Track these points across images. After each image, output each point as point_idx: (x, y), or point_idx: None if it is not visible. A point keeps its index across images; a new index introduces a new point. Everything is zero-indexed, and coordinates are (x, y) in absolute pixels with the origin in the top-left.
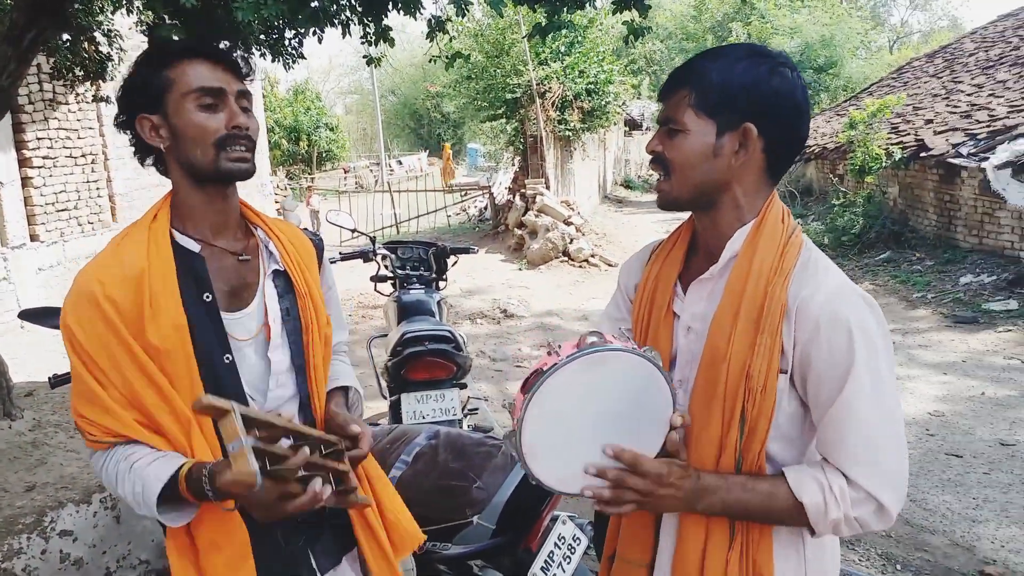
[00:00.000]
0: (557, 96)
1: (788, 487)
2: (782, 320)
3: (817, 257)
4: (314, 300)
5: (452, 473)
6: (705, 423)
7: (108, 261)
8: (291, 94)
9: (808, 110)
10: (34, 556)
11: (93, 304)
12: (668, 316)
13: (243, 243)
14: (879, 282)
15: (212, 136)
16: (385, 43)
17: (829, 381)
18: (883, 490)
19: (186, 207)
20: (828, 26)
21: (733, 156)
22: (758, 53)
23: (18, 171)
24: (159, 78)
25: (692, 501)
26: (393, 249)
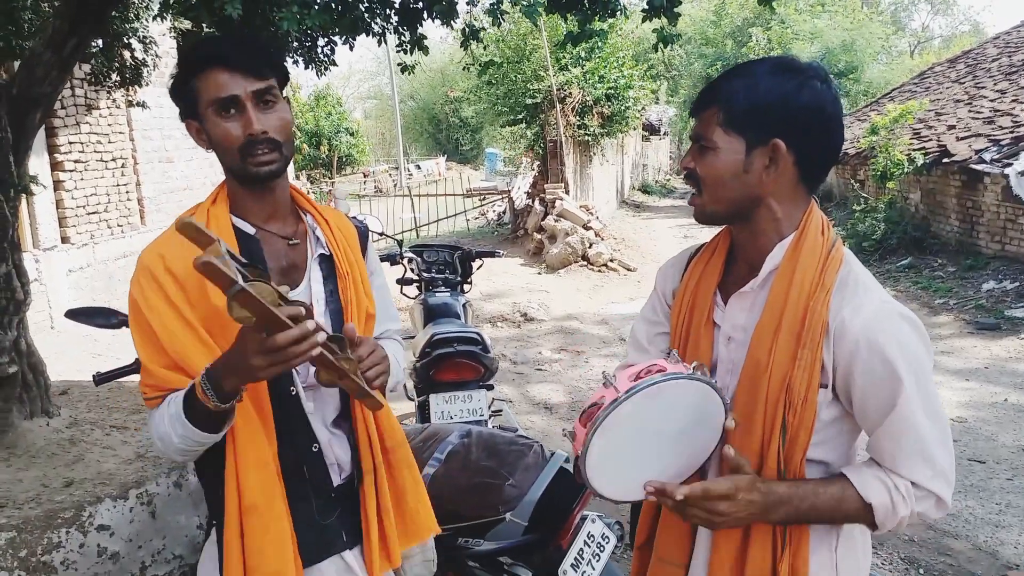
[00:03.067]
0: (577, 101)
1: (855, 490)
2: (823, 337)
3: (857, 273)
4: (355, 281)
5: (485, 471)
6: (747, 432)
7: (171, 238)
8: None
9: (840, 119)
10: (72, 550)
11: (152, 275)
12: (708, 326)
13: (293, 228)
14: (900, 288)
15: (235, 144)
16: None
17: (876, 400)
18: (941, 486)
19: (237, 198)
20: (849, 31)
21: (764, 172)
22: (786, 68)
23: (50, 175)
24: (190, 88)
25: (767, 512)
26: (419, 252)
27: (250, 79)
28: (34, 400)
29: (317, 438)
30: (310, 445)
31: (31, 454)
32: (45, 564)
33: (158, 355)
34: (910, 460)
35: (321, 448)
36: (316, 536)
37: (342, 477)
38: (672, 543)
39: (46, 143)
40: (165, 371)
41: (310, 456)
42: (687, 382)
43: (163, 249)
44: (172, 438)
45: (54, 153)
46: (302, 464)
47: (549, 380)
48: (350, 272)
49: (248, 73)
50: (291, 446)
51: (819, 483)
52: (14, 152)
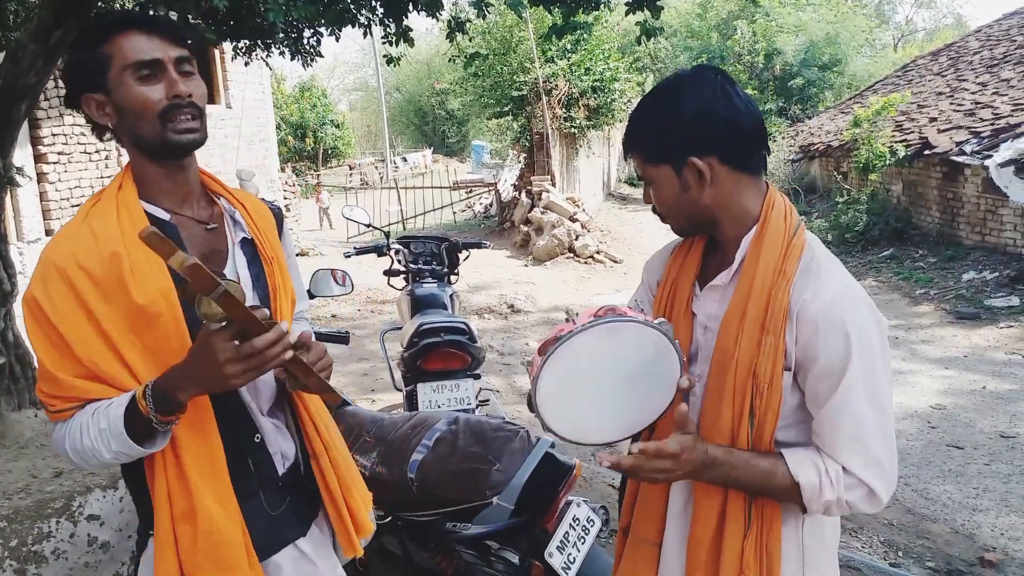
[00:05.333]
0: (563, 93)
1: (787, 467)
2: (785, 322)
3: (820, 258)
4: (280, 266)
5: (472, 456)
6: (717, 416)
7: (78, 232)
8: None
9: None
10: (63, 539)
11: (63, 276)
12: (687, 315)
13: (208, 212)
14: (882, 279)
15: (155, 108)
16: (405, 43)
17: (826, 379)
18: (875, 478)
19: (147, 181)
20: (833, 24)
21: (699, 184)
22: (664, 92)
23: (34, 167)
24: (97, 55)
25: (699, 472)
26: (406, 244)
27: (170, 44)
28: (22, 392)
29: (259, 428)
30: (252, 436)
31: (20, 445)
32: (36, 554)
33: (69, 363)
34: (845, 444)
35: (264, 438)
36: (269, 528)
37: (286, 466)
38: (648, 521)
39: (29, 135)
40: (79, 380)
41: (253, 447)
42: (645, 328)
43: (73, 246)
44: (102, 453)
45: (37, 145)
46: (247, 456)
47: None
48: (275, 256)
49: (168, 38)
50: (234, 439)
51: (754, 455)
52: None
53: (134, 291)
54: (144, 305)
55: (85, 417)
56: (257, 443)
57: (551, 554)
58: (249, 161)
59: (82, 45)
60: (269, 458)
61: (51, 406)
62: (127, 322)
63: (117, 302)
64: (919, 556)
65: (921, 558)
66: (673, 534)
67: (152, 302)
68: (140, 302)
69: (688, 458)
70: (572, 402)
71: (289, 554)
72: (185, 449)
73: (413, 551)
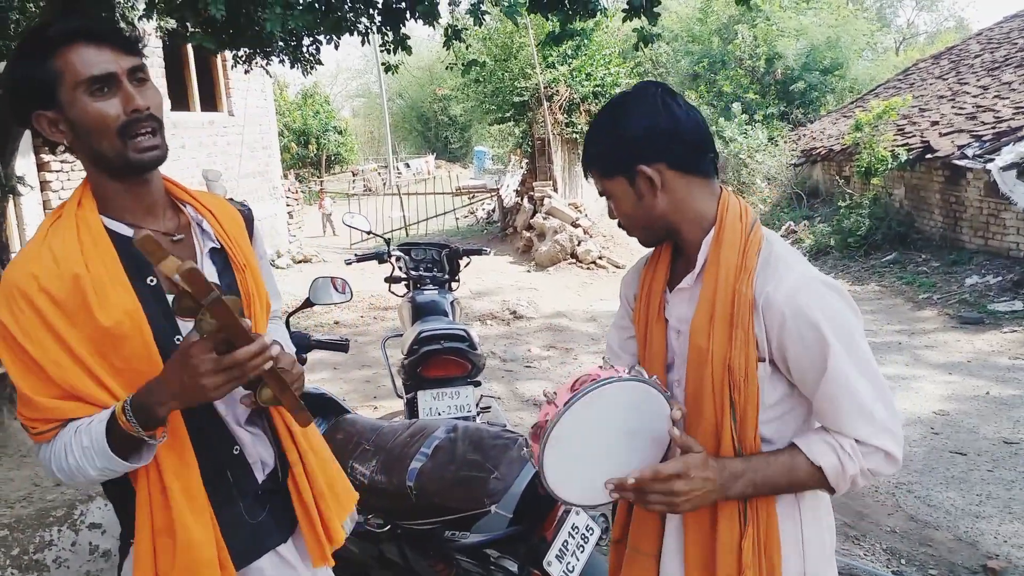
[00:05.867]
0: (564, 99)
1: (804, 455)
2: (752, 314)
3: (778, 252)
4: (253, 271)
5: (470, 464)
6: (699, 416)
7: (39, 253)
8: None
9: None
10: (64, 548)
11: (26, 299)
12: (660, 322)
13: (174, 222)
14: (885, 283)
15: (113, 124)
16: (403, 51)
17: (810, 364)
18: (887, 441)
19: (108, 195)
20: (834, 28)
21: (652, 192)
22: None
23: (37, 175)
24: (46, 71)
25: (722, 489)
26: (407, 251)
27: (122, 55)
28: None
29: (237, 440)
30: (230, 449)
31: (22, 453)
32: (37, 562)
33: (46, 386)
34: (849, 418)
35: (243, 449)
36: (248, 536)
37: (265, 473)
38: (643, 533)
39: (32, 143)
40: (57, 401)
41: (231, 459)
42: (619, 384)
43: (33, 267)
44: (87, 471)
45: (40, 153)
46: (224, 469)
47: (538, 377)
48: (247, 263)
49: (119, 48)
50: (210, 453)
51: (770, 454)
52: (0, 154)
53: (98, 313)
54: (110, 327)
55: (67, 436)
56: (236, 455)
57: (550, 563)
58: (252, 168)
59: (27, 60)
60: (248, 468)
61: (33, 429)
62: (93, 344)
63: (82, 325)
64: (922, 564)
65: (924, 566)
66: (672, 545)
67: (118, 323)
68: (106, 324)
69: (701, 475)
70: (581, 474)
71: (270, 560)
72: (165, 466)
73: (413, 559)
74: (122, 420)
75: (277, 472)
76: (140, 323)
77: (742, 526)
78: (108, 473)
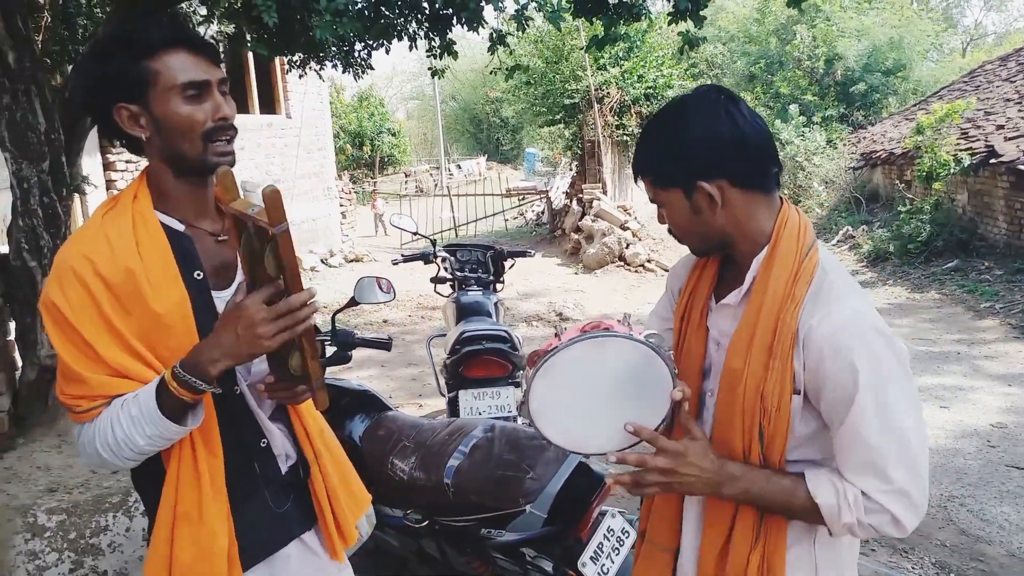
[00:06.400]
0: (615, 101)
1: (806, 487)
2: (793, 347)
3: (832, 281)
4: None
5: (507, 464)
6: (728, 436)
7: (94, 239)
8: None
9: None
10: (119, 533)
11: (81, 281)
12: (701, 329)
13: (219, 224)
14: (945, 291)
15: (200, 128)
16: (449, 56)
17: (836, 405)
18: (895, 504)
19: (166, 192)
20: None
21: (710, 209)
22: (669, 115)
23: (103, 174)
24: (141, 69)
25: (716, 485)
26: (453, 252)
27: (213, 66)
28: None
29: (265, 433)
30: (259, 440)
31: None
32: (93, 546)
33: (96, 364)
34: (858, 470)
35: (270, 442)
36: (276, 524)
37: (288, 465)
38: (662, 527)
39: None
40: (106, 378)
41: (259, 450)
42: (629, 342)
43: (88, 251)
44: (136, 440)
45: (106, 154)
46: (253, 460)
47: None
48: None
49: (212, 60)
50: (239, 443)
51: (773, 472)
52: (66, 153)
53: (152, 303)
54: (161, 314)
55: (114, 411)
56: (264, 447)
57: (584, 564)
58: (308, 169)
59: (122, 56)
60: (274, 460)
61: (76, 407)
62: (143, 332)
63: (133, 313)
64: None
65: None
66: (689, 541)
67: (167, 314)
68: (158, 311)
69: (698, 463)
70: (565, 413)
71: (296, 547)
72: (199, 452)
73: (451, 556)
74: (172, 385)
75: (298, 467)
76: (186, 314)
77: (754, 540)
78: (157, 441)
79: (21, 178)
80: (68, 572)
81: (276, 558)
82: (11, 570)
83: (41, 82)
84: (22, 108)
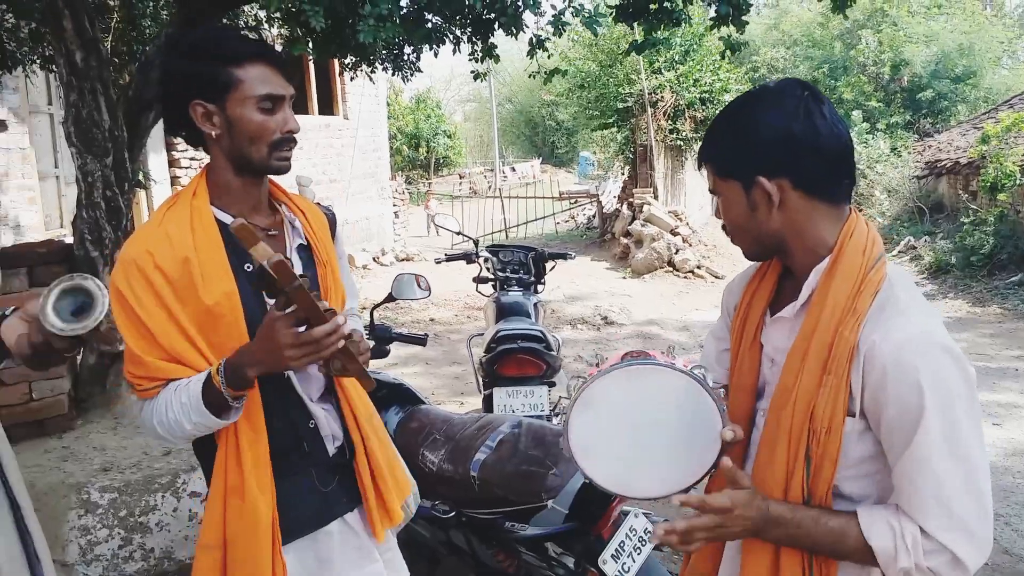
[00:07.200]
0: (669, 105)
1: (859, 528)
2: (851, 364)
3: (898, 296)
4: (332, 269)
5: (531, 459)
6: (770, 459)
7: (155, 233)
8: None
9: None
10: (167, 513)
11: (142, 272)
12: (755, 346)
13: (271, 219)
14: (1008, 306)
15: (269, 137)
16: (490, 59)
17: (899, 430)
18: (958, 543)
19: (224, 188)
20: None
21: (768, 207)
22: (744, 105)
23: (168, 170)
24: (226, 74)
25: (760, 531)
26: (495, 252)
27: (287, 82)
28: None
29: (312, 415)
30: (307, 422)
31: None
32: (142, 524)
33: (154, 348)
34: (923, 503)
35: (317, 423)
36: (321, 501)
37: (335, 447)
38: (702, 555)
39: (164, 141)
40: (162, 363)
41: (307, 431)
42: (672, 373)
43: (150, 245)
44: (184, 424)
45: (171, 151)
46: (301, 440)
47: None
48: (328, 260)
49: (286, 76)
50: (288, 424)
51: (823, 512)
52: (129, 150)
53: (202, 293)
54: (211, 306)
55: (169, 394)
56: (311, 428)
57: (605, 561)
58: (363, 170)
59: (209, 59)
60: (321, 441)
61: (139, 386)
62: (197, 319)
63: (189, 301)
64: None
65: None
66: (727, 571)
67: (217, 303)
68: (208, 303)
69: (743, 513)
70: (608, 451)
71: (339, 526)
72: (241, 432)
73: (478, 548)
74: (216, 381)
75: (345, 448)
76: (236, 304)
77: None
78: (201, 428)
79: (85, 172)
80: (117, 548)
81: (319, 534)
82: (64, 544)
83: (106, 81)
84: (88, 106)
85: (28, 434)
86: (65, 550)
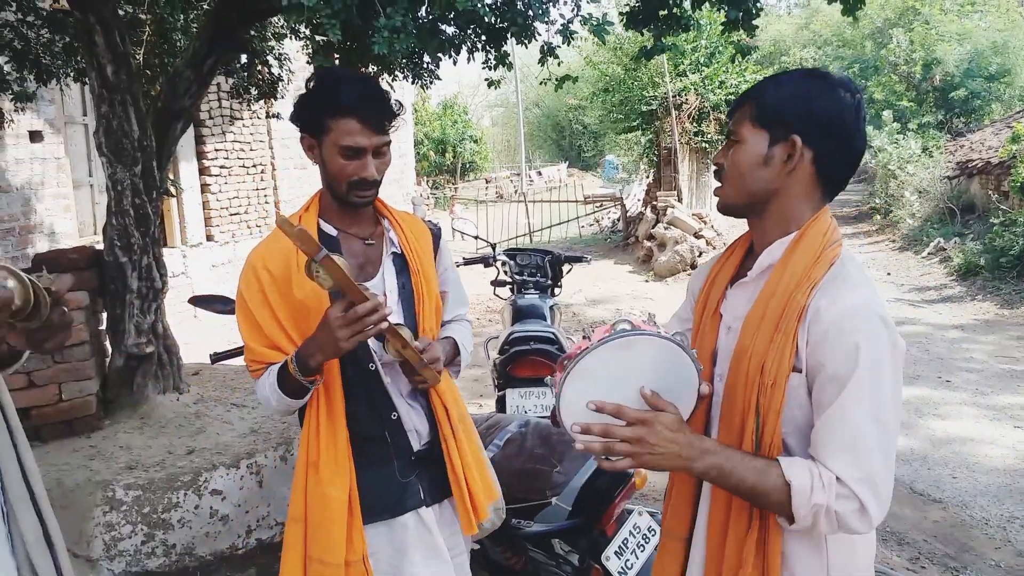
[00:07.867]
0: (694, 107)
1: (780, 468)
2: (799, 323)
3: (849, 271)
4: (426, 276)
5: (536, 457)
6: (728, 413)
7: (271, 242)
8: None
9: (860, 130)
10: (188, 510)
11: (255, 273)
12: (715, 316)
13: (371, 230)
14: None
15: (347, 179)
16: (503, 67)
17: (831, 385)
18: (868, 493)
19: (328, 206)
20: (1002, 32)
21: (782, 166)
22: (815, 76)
23: (198, 179)
24: (322, 121)
25: (687, 459)
26: (512, 256)
27: (375, 135)
28: (167, 377)
29: (396, 407)
30: (390, 414)
31: (161, 424)
32: (164, 521)
33: (260, 337)
34: (838, 452)
35: (400, 416)
36: (398, 492)
37: (422, 443)
38: (676, 517)
39: (195, 150)
40: (265, 349)
41: (391, 423)
42: (658, 340)
43: (264, 251)
44: (271, 402)
45: (202, 159)
46: (384, 430)
47: None
48: (421, 268)
49: (375, 130)
50: (374, 414)
51: (748, 454)
52: (157, 159)
53: (296, 290)
54: (302, 299)
55: (266, 376)
56: (394, 420)
57: (608, 558)
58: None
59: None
60: (404, 433)
61: (250, 367)
62: (292, 313)
63: (287, 297)
64: None
65: None
66: (700, 531)
67: (307, 297)
68: (299, 297)
69: (669, 434)
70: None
71: (413, 519)
72: (322, 414)
73: (486, 545)
74: (291, 367)
75: (431, 446)
76: (322, 300)
77: (748, 524)
78: (281, 407)
79: (115, 181)
80: (140, 544)
81: (395, 523)
82: (89, 540)
83: (136, 93)
84: (118, 117)
85: (57, 433)
86: (90, 545)
